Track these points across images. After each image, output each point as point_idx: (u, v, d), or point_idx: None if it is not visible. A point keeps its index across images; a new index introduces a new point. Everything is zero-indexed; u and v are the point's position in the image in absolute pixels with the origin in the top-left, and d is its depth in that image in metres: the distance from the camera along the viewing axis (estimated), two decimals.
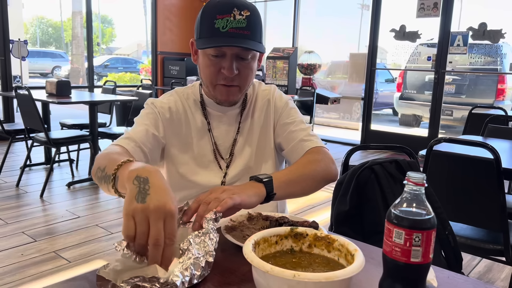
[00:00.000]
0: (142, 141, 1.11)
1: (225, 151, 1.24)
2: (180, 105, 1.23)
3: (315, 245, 0.78)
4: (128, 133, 1.12)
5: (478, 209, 1.83)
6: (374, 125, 6.70)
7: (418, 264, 0.68)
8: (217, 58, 1.10)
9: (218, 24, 1.05)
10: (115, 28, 25.93)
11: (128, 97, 4.65)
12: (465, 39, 5.43)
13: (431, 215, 0.68)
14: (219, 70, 1.11)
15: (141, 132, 1.13)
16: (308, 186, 1.11)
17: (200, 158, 1.22)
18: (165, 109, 1.20)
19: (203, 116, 1.23)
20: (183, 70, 7.08)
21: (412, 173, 0.69)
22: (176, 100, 1.23)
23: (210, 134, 1.23)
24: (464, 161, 1.82)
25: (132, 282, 0.67)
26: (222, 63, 1.10)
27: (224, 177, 1.22)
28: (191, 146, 1.22)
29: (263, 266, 0.63)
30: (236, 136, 1.25)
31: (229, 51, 1.08)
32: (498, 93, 7.01)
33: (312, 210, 3.58)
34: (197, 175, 1.21)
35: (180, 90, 1.27)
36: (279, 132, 1.27)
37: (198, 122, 1.23)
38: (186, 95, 1.25)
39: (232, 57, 1.09)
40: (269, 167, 1.27)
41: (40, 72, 17.18)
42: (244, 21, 1.05)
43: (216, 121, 1.24)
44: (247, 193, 0.94)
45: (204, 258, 0.74)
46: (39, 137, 3.76)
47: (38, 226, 3.01)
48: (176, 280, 0.68)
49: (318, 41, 11.10)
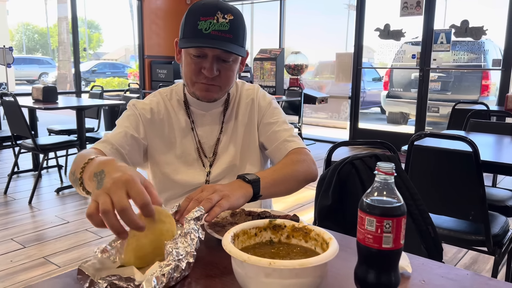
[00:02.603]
0: (120, 143, 1.13)
1: (209, 150, 1.26)
2: (162, 106, 1.25)
3: (293, 235, 0.80)
4: (106, 136, 1.14)
5: (460, 201, 1.88)
6: (362, 123, 6.77)
7: (389, 250, 0.71)
8: (199, 58, 1.12)
9: (201, 26, 1.07)
10: (102, 33, 25.77)
11: (116, 101, 4.65)
12: (448, 36, 5.51)
13: (401, 202, 0.71)
14: (199, 70, 1.13)
15: (119, 134, 1.15)
16: (291, 186, 1.15)
17: (184, 157, 1.24)
18: (146, 110, 1.22)
19: (187, 115, 1.25)
20: (170, 73, 7.09)
21: (382, 163, 0.72)
22: (158, 101, 1.25)
23: (194, 133, 1.25)
24: (445, 155, 1.86)
25: (109, 280, 0.70)
26: (203, 63, 1.12)
27: (208, 175, 1.25)
28: (175, 145, 1.24)
29: (240, 255, 0.65)
30: (219, 135, 1.27)
31: (211, 52, 1.11)
32: (483, 89, 7.12)
33: (302, 208, 3.62)
34: (181, 175, 1.23)
35: (163, 91, 1.29)
36: (262, 131, 1.30)
37: (182, 121, 1.25)
38: (169, 95, 1.28)
39: (213, 59, 1.12)
40: (254, 166, 1.30)
41: (27, 79, 17.02)
42: (227, 24, 1.08)
43: (199, 120, 1.26)
44: (236, 195, 0.97)
45: (185, 259, 0.75)
46: (27, 144, 3.74)
47: (27, 232, 3.00)
48: (148, 287, 0.66)
49: (305, 42, 11.17)
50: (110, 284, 0.70)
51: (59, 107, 4.07)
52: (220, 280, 0.78)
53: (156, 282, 0.68)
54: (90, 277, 0.70)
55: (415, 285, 0.78)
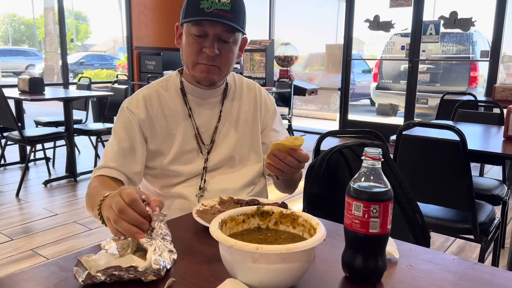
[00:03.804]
0: (120, 163, 1.16)
1: (207, 138, 1.26)
2: (155, 99, 1.23)
3: (281, 222, 0.80)
4: (105, 159, 1.17)
5: (447, 190, 1.90)
6: (352, 115, 6.79)
7: (376, 234, 0.71)
8: (200, 38, 1.14)
9: (203, 5, 1.09)
10: (90, 24, 25.39)
11: (104, 93, 4.60)
12: (437, 28, 5.54)
13: (387, 188, 0.72)
14: (200, 49, 1.14)
15: (118, 154, 1.17)
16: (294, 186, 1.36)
17: (183, 146, 1.24)
18: (140, 109, 1.21)
19: (184, 103, 1.25)
20: (159, 64, 7.02)
21: (369, 149, 0.72)
22: (150, 93, 1.24)
23: (192, 120, 1.25)
24: (432, 144, 1.87)
25: (108, 272, 0.70)
26: (204, 42, 1.14)
27: (206, 162, 1.24)
28: (174, 134, 1.23)
29: (227, 241, 0.65)
30: (217, 124, 1.27)
31: (212, 31, 1.12)
32: (471, 81, 7.18)
33: (292, 199, 3.62)
34: (180, 162, 1.22)
35: (158, 82, 1.28)
36: (266, 134, 1.35)
37: (179, 110, 1.24)
38: (165, 86, 1.27)
39: (214, 38, 1.13)
40: (253, 159, 1.31)
41: (13, 71, 16.74)
42: (228, 4, 1.10)
43: (197, 107, 1.26)
44: None
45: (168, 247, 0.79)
46: (13, 136, 3.69)
47: (15, 225, 2.97)
48: (156, 267, 0.71)
49: (295, 33, 11.14)
50: (109, 276, 0.69)
51: (46, 99, 4.01)
52: (208, 267, 0.78)
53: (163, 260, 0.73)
54: (87, 270, 0.70)
55: (402, 270, 0.79)
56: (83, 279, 0.69)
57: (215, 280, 0.72)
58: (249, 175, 1.28)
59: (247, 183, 1.28)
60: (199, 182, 1.23)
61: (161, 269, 0.72)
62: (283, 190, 1.37)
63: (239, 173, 1.27)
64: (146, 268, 0.71)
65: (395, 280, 0.75)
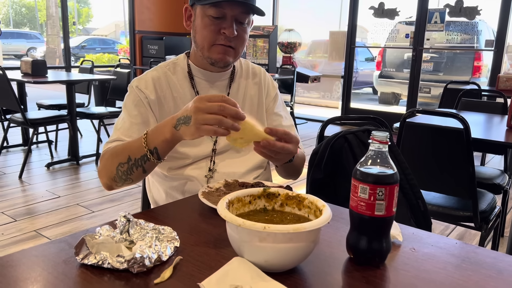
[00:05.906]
0: (134, 138, 1.13)
1: None
2: (163, 80, 1.23)
3: (286, 203, 0.81)
4: (117, 133, 1.15)
5: (449, 178, 1.91)
6: (354, 103, 6.77)
7: (382, 217, 0.72)
8: (218, 20, 1.14)
9: None
10: (92, 8, 25.20)
11: (106, 76, 4.59)
12: (442, 16, 5.49)
13: (394, 171, 0.72)
14: (219, 30, 1.15)
15: (132, 128, 1.16)
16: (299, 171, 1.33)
17: None
18: (150, 90, 1.21)
19: (191, 86, 1.25)
20: (162, 49, 6.99)
21: (377, 132, 0.72)
22: (159, 75, 1.24)
23: None
24: (436, 131, 1.88)
25: (103, 257, 0.70)
26: (222, 24, 1.14)
27: (215, 144, 1.25)
28: None
29: (235, 220, 0.66)
30: None
31: (230, 12, 1.13)
32: (475, 70, 7.15)
33: (295, 184, 3.64)
34: (188, 145, 1.23)
35: (165, 64, 1.28)
36: (269, 118, 1.35)
37: (187, 93, 1.25)
38: (172, 69, 1.26)
39: (232, 19, 1.14)
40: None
41: (15, 54, 16.68)
42: None
43: (204, 90, 1.26)
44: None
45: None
46: (16, 118, 3.70)
47: (18, 206, 2.99)
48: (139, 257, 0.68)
49: (299, 20, 11.04)
50: (101, 258, 0.70)
51: (48, 81, 4.01)
52: (214, 246, 0.79)
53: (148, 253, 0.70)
54: (88, 250, 0.70)
55: (405, 252, 0.80)
56: (81, 256, 0.71)
57: (221, 259, 0.73)
58: (255, 160, 1.29)
59: (254, 167, 1.29)
60: (208, 164, 1.24)
61: (144, 258, 0.69)
62: (285, 176, 1.38)
63: (246, 157, 1.28)
64: (130, 257, 0.69)
65: (399, 262, 0.76)
